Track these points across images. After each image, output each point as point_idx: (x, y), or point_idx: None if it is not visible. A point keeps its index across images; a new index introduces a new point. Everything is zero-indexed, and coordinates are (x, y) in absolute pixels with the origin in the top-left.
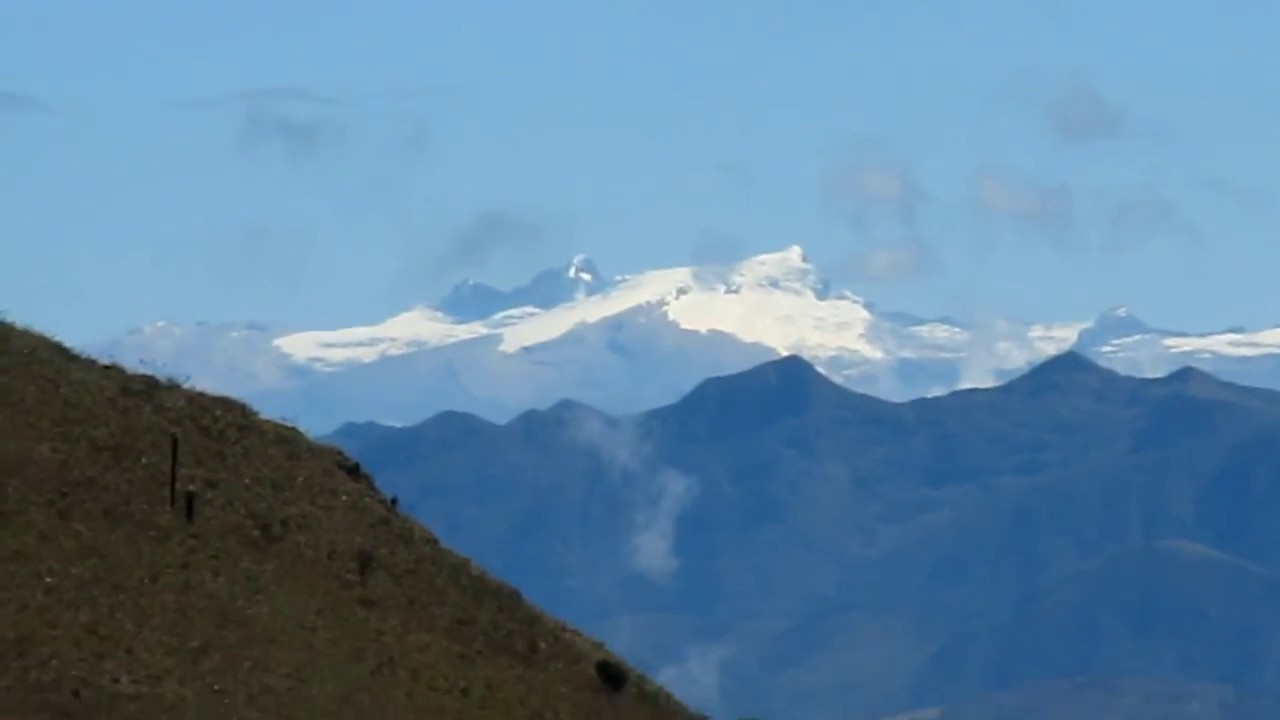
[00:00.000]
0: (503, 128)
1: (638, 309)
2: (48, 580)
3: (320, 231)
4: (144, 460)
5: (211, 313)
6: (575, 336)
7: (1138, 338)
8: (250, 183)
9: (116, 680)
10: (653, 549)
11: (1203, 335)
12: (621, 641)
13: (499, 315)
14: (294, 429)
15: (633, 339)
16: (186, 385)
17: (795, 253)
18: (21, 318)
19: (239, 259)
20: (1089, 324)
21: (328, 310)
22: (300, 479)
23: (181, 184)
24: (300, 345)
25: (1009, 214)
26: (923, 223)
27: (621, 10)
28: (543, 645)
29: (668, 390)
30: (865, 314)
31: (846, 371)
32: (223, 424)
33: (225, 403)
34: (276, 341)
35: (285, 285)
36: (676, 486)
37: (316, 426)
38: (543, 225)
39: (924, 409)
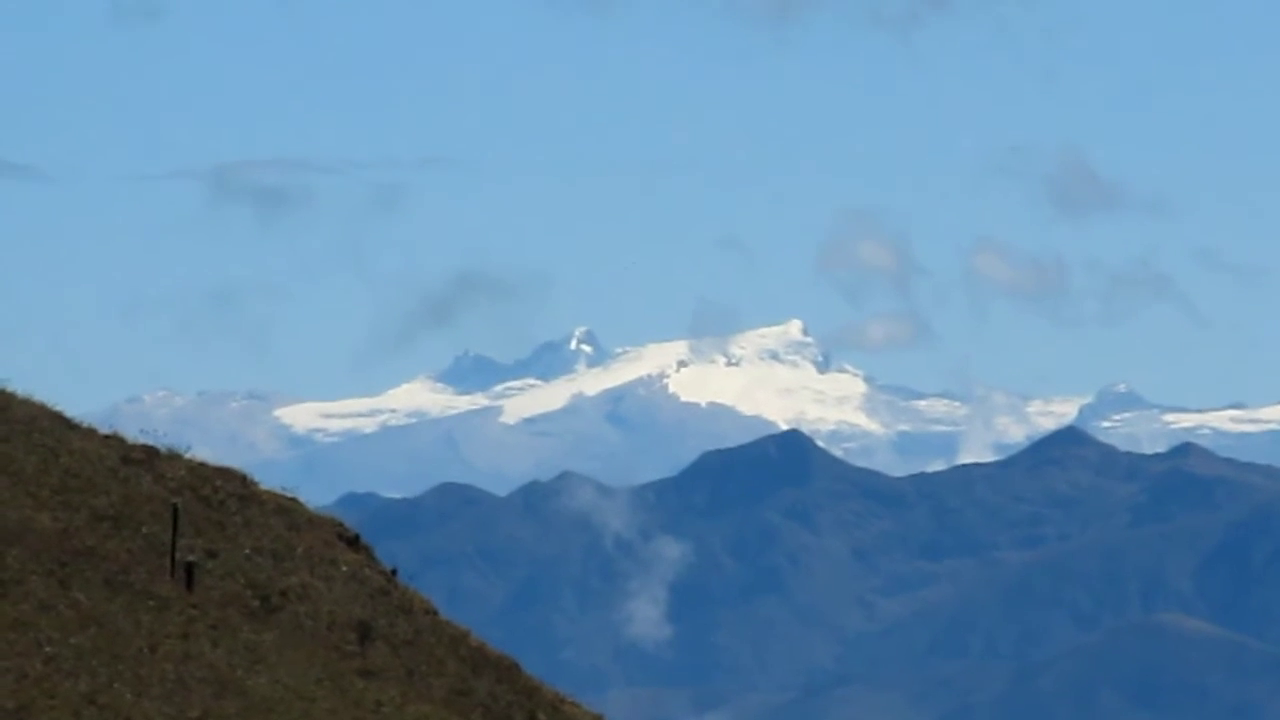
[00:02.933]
0: (493, 198)
1: (638, 381)
2: (47, 649)
3: (315, 300)
4: (144, 530)
5: (211, 382)
6: (575, 408)
7: (1137, 413)
8: (234, 251)
9: None
10: (645, 615)
11: (1202, 411)
12: (618, 713)
13: (499, 386)
14: (294, 499)
15: (633, 411)
16: (187, 455)
17: (795, 326)
18: (21, 386)
19: (230, 328)
20: (1088, 399)
21: (324, 379)
22: (300, 549)
23: (173, 251)
24: (300, 415)
25: (1004, 287)
26: (918, 295)
27: (612, 83)
28: (541, 717)
29: (667, 462)
30: (864, 387)
31: (846, 445)
32: (223, 494)
33: (225, 473)
34: (277, 412)
35: (282, 354)
36: (671, 552)
37: (317, 497)
38: (536, 296)
39: (923, 483)
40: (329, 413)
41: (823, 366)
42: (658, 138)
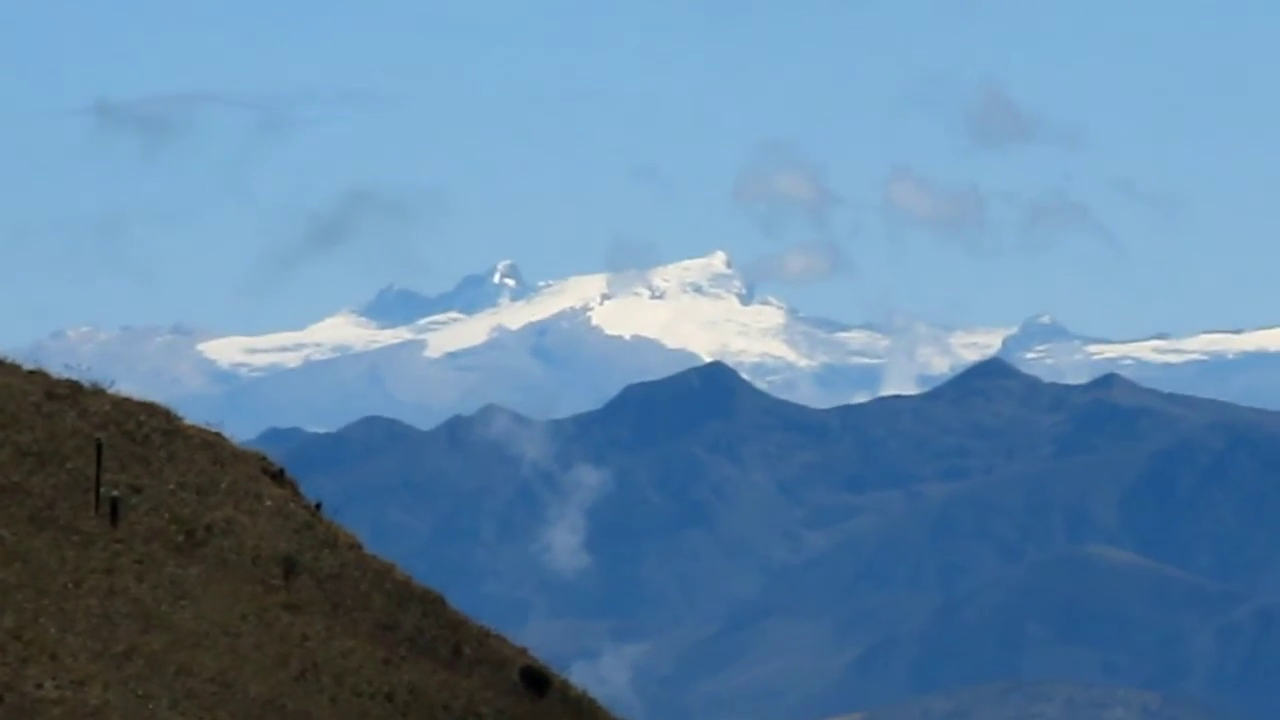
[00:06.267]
0: (418, 132)
1: (561, 314)
2: None
3: (223, 233)
4: (68, 465)
5: (135, 317)
6: (499, 342)
7: (1061, 344)
8: (125, 183)
9: (40, 685)
10: (564, 544)
11: (1126, 342)
12: (540, 644)
13: (423, 320)
14: (218, 434)
15: (556, 344)
16: (111, 390)
17: (719, 258)
18: None
19: (141, 261)
20: (1012, 330)
21: (248, 314)
22: (225, 484)
23: (68, 185)
24: (224, 350)
25: (922, 218)
26: (836, 227)
27: (524, 10)
28: (467, 650)
29: (591, 395)
30: (787, 320)
31: (770, 378)
32: (147, 429)
33: (150, 407)
34: (200, 346)
35: (204, 289)
36: (589, 480)
37: (241, 431)
38: (435, 219)
39: (847, 415)
40: (253, 347)
41: (746, 299)
42: (565, 67)
